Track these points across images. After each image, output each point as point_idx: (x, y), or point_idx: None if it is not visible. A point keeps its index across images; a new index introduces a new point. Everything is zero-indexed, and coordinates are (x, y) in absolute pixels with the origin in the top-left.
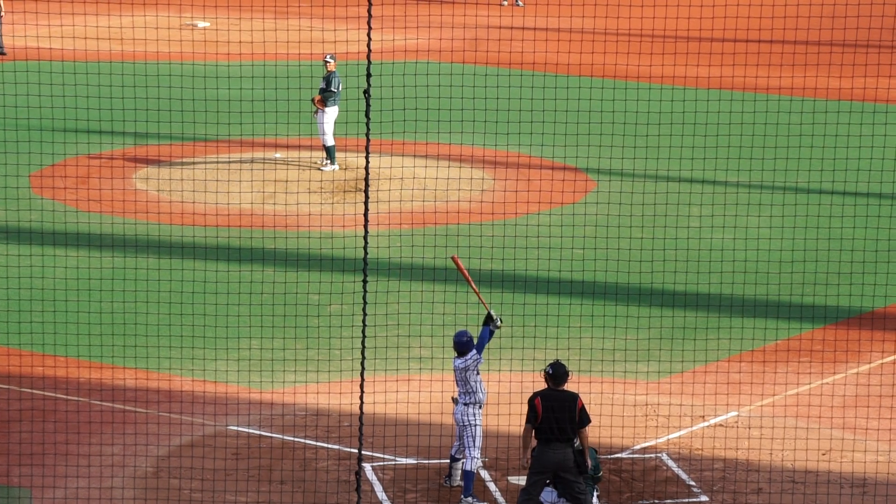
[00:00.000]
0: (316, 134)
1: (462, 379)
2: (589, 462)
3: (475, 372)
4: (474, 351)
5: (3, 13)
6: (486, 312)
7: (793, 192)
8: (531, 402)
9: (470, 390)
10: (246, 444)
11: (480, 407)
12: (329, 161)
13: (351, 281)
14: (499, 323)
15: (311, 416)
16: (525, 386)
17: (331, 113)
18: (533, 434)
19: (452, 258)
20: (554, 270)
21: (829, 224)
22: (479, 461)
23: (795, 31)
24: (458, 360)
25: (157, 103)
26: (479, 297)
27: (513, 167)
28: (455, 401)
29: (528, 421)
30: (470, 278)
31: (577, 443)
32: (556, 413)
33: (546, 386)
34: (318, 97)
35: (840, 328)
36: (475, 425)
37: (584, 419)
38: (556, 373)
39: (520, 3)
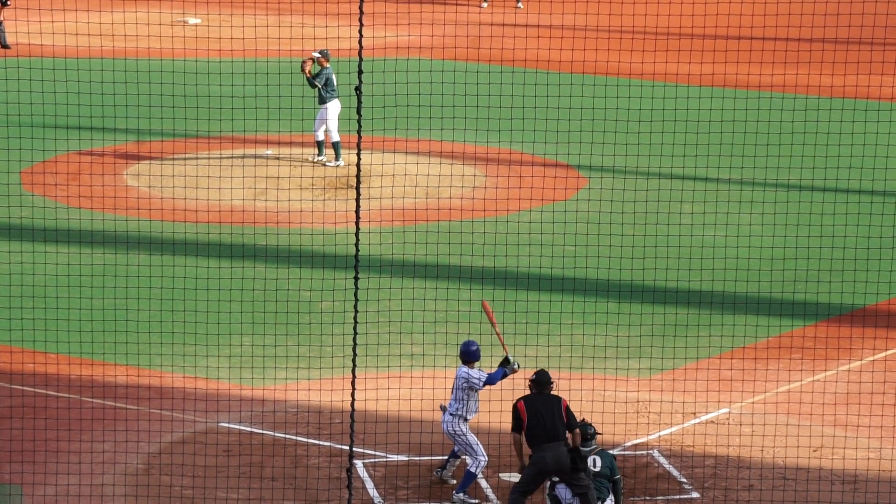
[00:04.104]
0: (309, 130)
1: (460, 389)
2: (598, 463)
3: (476, 392)
4: (483, 372)
5: (9, 3)
6: (504, 355)
7: (784, 189)
8: (515, 407)
9: (461, 399)
10: (237, 441)
11: (467, 420)
12: (332, 157)
13: (342, 277)
14: (515, 367)
15: (302, 412)
16: (517, 383)
17: (332, 108)
18: (524, 441)
19: (482, 303)
20: (546, 267)
21: (820, 221)
22: (485, 463)
23: (788, 29)
24: (464, 371)
25: (149, 99)
26: (501, 341)
27: (505, 164)
28: (443, 409)
29: (513, 429)
30: (495, 321)
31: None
32: (543, 414)
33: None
34: (308, 67)
35: (831, 325)
36: (465, 434)
37: (572, 421)
38: (540, 379)
39: (520, 4)
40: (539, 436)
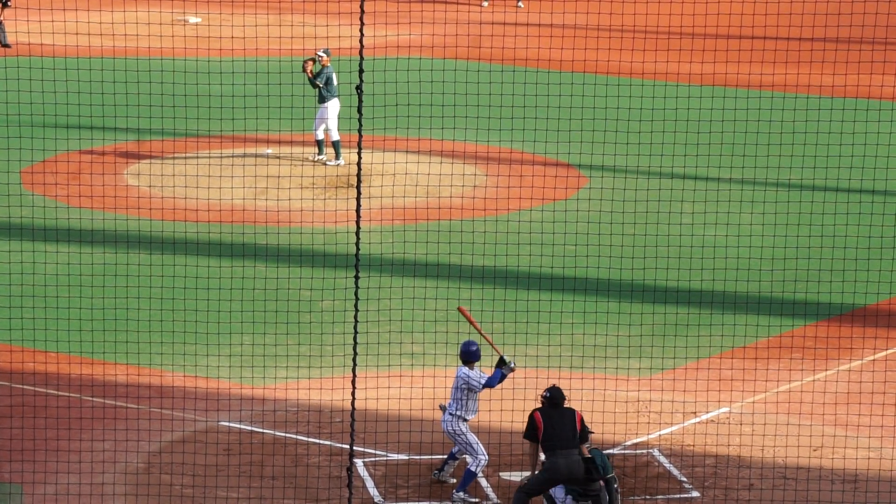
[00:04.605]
0: (309, 129)
1: (459, 389)
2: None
3: (476, 393)
4: (483, 375)
5: (9, 4)
6: (498, 357)
7: (785, 188)
8: (531, 417)
9: (461, 399)
10: (237, 440)
11: (466, 420)
12: (332, 156)
13: (343, 277)
14: (512, 366)
15: (302, 411)
16: (517, 382)
17: (332, 107)
18: (539, 449)
19: (459, 309)
20: (546, 266)
21: (821, 221)
22: (485, 462)
23: (788, 28)
24: (464, 372)
25: (149, 99)
26: (491, 343)
27: (505, 163)
28: (443, 408)
29: (527, 437)
30: (478, 325)
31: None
32: (558, 424)
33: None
34: (309, 67)
35: (832, 325)
36: (464, 433)
37: (585, 433)
38: (554, 396)
39: (520, 3)
40: (555, 443)
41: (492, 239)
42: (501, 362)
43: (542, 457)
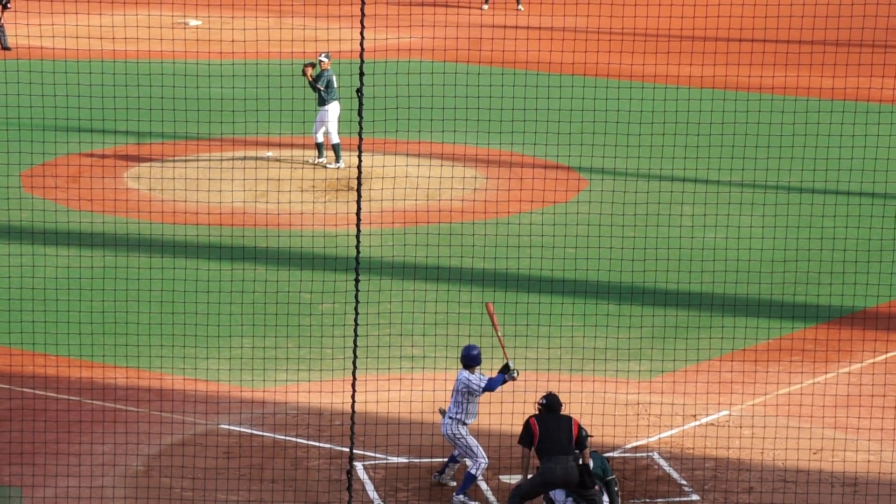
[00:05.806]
0: (309, 132)
1: (460, 392)
2: (591, 464)
3: (476, 397)
4: (483, 377)
5: (9, 6)
6: (504, 361)
7: (784, 191)
8: (527, 423)
9: (461, 402)
10: (237, 443)
11: (466, 424)
12: (332, 158)
13: (343, 280)
14: (515, 374)
15: (302, 414)
16: (517, 385)
17: (332, 110)
18: (533, 455)
19: (486, 305)
20: (546, 269)
21: (820, 224)
22: (485, 465)
23: (788, 31)
24: (464, 376)
25: (150, 102)
26: (502, 344)
27: (505, 166)
28: (442, 412)
29: (522, 442)
30: (497, 326)
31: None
32: (554, 430)
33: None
34: (309, 71)
35: (831, 327)
36: (464, 437)
37: (582, 439)
38: (551, 404)
39: (520, 6)
40: (550, 449)
41: (492, 242)
42: (506, 368)
43: (537, 462)
